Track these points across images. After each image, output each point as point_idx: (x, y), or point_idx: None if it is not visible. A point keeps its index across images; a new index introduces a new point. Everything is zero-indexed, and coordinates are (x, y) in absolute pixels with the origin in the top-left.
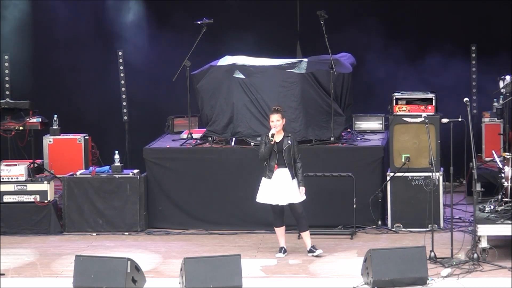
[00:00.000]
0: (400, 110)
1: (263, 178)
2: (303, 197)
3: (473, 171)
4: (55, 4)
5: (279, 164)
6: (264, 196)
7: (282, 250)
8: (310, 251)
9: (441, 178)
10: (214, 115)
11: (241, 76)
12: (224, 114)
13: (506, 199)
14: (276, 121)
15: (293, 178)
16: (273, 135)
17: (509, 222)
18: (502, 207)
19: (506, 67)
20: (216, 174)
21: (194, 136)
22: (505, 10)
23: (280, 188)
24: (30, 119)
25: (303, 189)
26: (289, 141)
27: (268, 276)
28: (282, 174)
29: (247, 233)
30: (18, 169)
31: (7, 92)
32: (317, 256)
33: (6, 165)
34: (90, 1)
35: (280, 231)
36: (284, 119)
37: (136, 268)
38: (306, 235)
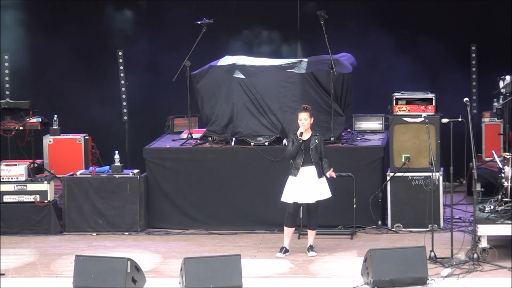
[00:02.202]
0: (400, 110)
1: (290, 176)
2: (329, 194)
3: (473, 171)
4: (55, 4)
5: (305, 162)
6: (289, 194)
7: (283, 250)
8: (309, 248)
9: (441, 178)
10: (214, 115)
11: (241, 76)
12: (224, 114)
13: (506, 199)
14: (304, 120)
15: (319, 176)
16: (301, 133)
17: (509, 222)
18: (502, 207)
19: (506, 67)
20: (216, 174)
21: (194, 136)
22: (505, 10)
23: (305, 186)
24: (30, 119)
25: (331, 171)
26: (316, 140)
27: (268, 276)
28: (308, 172)
29: (247, 233)
30: (18, 169)
31: (7, 92)
32: (311, 256)
33: (6, 165)
34: (90, 0)
35: (288, 231)
36: (312, 118)
37: (136, 268)
38: (311, 233)
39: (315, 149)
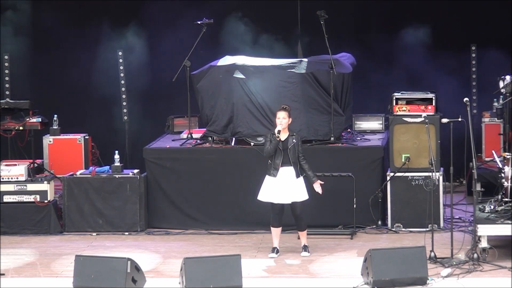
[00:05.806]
0: (400, 110)
1: (267, 176)
2: (306, 196)
3: (473, 171)
4: (55, 4)
5: (284, 162)
6: (267, 194)
7: (275, 250)
8: (304, 248)
9: (441, 178)
10: (214, 115)
11: (241, 76)
12: (224, 114)
13: (506, 199)
14: (282, 119)
15: (297, 176)
16: (279, 131)
17: (509, 222)
18: (502, 207)
19: (506, 67)
20: (216, 174)
21: (194, 136)
22: (505, 10)
23: (284, 186)
24: (30, 119)
25: (319, 184)
26: (293, 140)
27: (268, 276)
28: (286, 173)
29: (247, 233)
30: (18, 169)
31: (7, 92)
32: (303, 256)
33: (6, 165)
34: (90, 1)
35: (276, 231)
36: (290, 119)
37: (136, 268)
38: (303, 234)
39: (293, 149)
